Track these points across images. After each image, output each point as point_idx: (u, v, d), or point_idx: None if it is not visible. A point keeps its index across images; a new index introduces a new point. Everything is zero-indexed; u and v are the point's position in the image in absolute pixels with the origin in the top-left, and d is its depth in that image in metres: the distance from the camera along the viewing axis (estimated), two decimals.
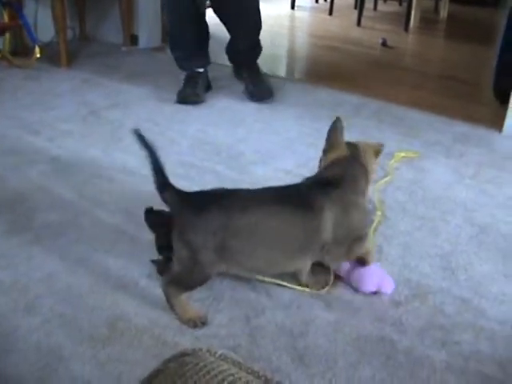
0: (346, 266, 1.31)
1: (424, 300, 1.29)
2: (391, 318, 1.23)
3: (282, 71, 3.29)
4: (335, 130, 1.35)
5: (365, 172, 1.28)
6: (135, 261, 1.38)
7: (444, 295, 1.31)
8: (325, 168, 1.31)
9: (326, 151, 1.34)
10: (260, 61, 2.64)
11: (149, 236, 1.41)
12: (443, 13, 4.79)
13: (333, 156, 1.30)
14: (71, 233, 1.49)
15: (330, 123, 1.33)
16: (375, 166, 1.34)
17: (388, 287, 1.30)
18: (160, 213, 1.34)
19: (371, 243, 1.40)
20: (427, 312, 1.26)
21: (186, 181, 1.73)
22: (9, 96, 2.48)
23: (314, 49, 3.68)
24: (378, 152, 1.34)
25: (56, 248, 1.43)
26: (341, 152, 1.30)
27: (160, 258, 1.33)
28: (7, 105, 2.39)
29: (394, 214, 1.64)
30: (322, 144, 1.93)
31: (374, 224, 1.55)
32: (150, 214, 1.37)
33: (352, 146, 1.32)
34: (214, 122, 2.23)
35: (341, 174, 1.25)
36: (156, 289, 1.27)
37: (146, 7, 3.30)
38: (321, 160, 1.35)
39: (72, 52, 2.99)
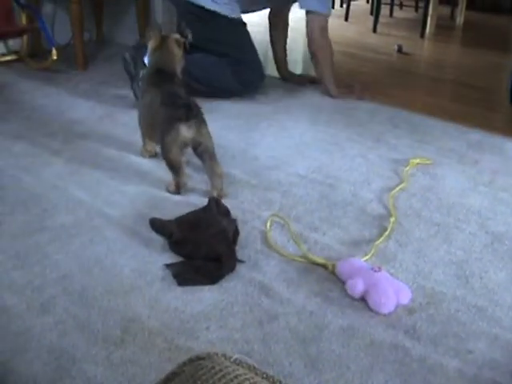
0: (359, 287, 1.28)
1: (438, 307, 1.28)
2: (405, 325, 1.22)
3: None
4: (154, 28, 2.00)
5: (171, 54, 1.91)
6: (149, 263, 1.38)
7: (458, 303, 1.30)
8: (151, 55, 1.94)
9: (148, 40, 1.94)
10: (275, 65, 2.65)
11: (161, 238, 1.42)
12: (459, 19, 4.77)
13: (152, 44, 1.92)
14: (85, 234, 1.50)
15: (344, 128, 1.35)
16: (179, 52, 1.92)
17: (405, 297, 1.29)
18: (163, 221, 1.44)
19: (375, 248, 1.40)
20: (441, 319, 1.25)
21: (201, 184, 1.75)
22: (26, 97, 2.50)
23: None
24: (179, 42, 1.92)
25: (71, 249, 1.44)
26: (156, 41, 1.92)
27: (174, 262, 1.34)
28: (24, 106, 2.40)
29: (408, 220, 1.63)
30: (335, 150, 1.94)
31: (388, 231, 1.55)
32: (155, 224, 1.44)
33: (163, 37, 1.92)
34: (228, 126, 2.23)
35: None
36: (169, 292, 1.28)
37: (161, 10, 3.31)
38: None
39: (88, 54, 3.01)
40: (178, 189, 1.70)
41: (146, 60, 2.34)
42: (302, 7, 2.55)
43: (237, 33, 2.57)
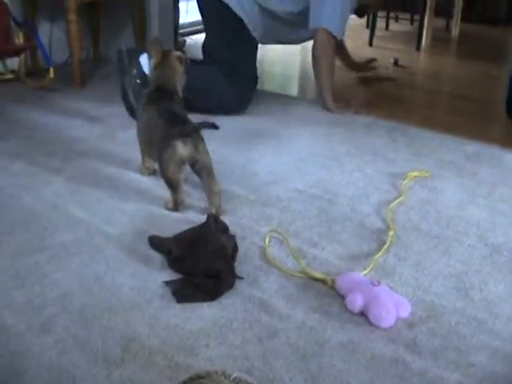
0: (358, 301, 1.28)
1: (438, 320, 1.28)
2: (405, 339, 1.22)
3: (294, 91, 3.31)
4: (155, 42, 1.93)
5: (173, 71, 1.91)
6: (148, 281, 1.38)
7: (459, 316, 1.30)
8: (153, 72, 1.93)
9: (151, 57, 1.93)
10: (273, 80, 2.66)
11: (160, 256, 1.43)
12: (455, 31, 4.80)
13: (154, 60, 1.91)
14: (85, 252, 1.50)
15: (342, 143, 1.36)
16: (180, 68, 1.91)
17: (405, 311, 1.29)
18: (161, 238, 1.46)
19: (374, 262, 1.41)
20: (442, 333, 1.25)
21: (200, 201, 1.75)
22: (24, 116, 2.51)
23: None
24: (180, 59, 1.92)
25: (71, 267, 1.44)
26: (158, 57, 1.91)
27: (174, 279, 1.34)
28: (23, 125, 2.42)
29: (406, 234, 1.64)
30: (333, 165, 1.95)
31: (387, 244, 1.55)
32: (154, 241, 1.46)
33: (165, 52, 1.91)
34: (226, 142, 2.24)
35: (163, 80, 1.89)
36: (169, 309, 1.28)
37: (158, 27, 3.34)
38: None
39: (86, 72, 3.02)
40: (177, 206, 1.71)
41: (141, 60, 2.37)
42: (311, 26, 2.53)
43: (248, 46, 2.62)
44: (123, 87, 2.41)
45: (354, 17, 2.94)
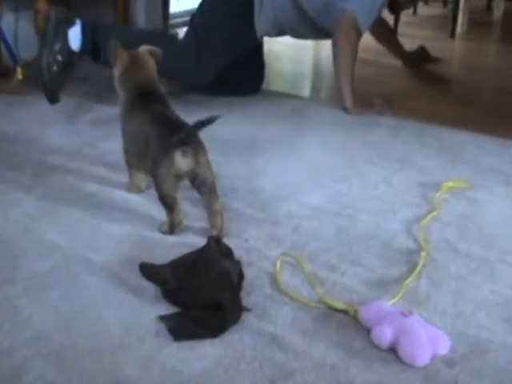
0: (387, 335, 1.29)
1: (484, 358, 1.29)
2: (444, 379, 1.23)
3: (305, 91, 3.34)
4: (115, 44, 1.93)
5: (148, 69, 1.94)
6: (139, 315, 1.40)
7: (508, 352, 1.31)
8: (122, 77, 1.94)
9: (114, 62, 1.93)
10: (281, 79, 2.70)
11: (154, 286, 1.45)
12: (497, 13, 4.79)
13: (121, 64, 1.92)
14: (63, 283, 1.52)
15: (363, 149, 1.37)
16: (153, 63, 1.95)
17: (443, 347, 1.29)
18: (155, 266, 1.48)
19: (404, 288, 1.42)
20: (489, 373, 1.25)
21: (200, 222, 1.77)
22: None
23: None
24: (152, 52, 1.96)
25: (46, 302, 1.45)
26: (124, 60, 1.92)
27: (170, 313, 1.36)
28: None
29: (442, 254, 1.66)
30: (353, 175, 1.97)
31: (419, 267, 1.57)
32: (146, 269, 1.48)
33: (132, 53, 1.94)
34: (228, 151, 2.28)
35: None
36: (165, 348, 1.30)
37: (145, 16, 3.37)
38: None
39: None
40: (173, 228, 1.73)
41: (70, 33, 2.42)
42: (341, 7, 2.62)
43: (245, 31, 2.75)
44: (39, 61, 2.43)
45: None
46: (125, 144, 1.92)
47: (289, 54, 3.90)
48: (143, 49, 1.97)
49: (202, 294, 1.40)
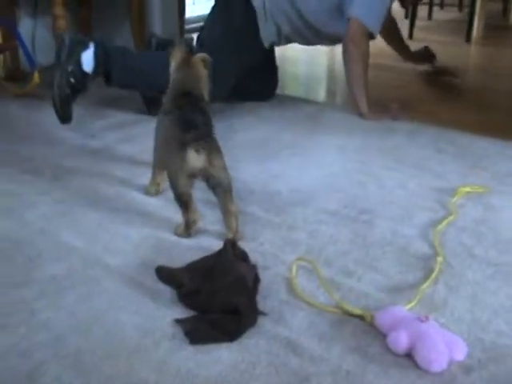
0: (403, 340, 1.29)
1: (502, 364, 1.28)
2: None
3: (320, 95, 3.34)
4: (177, 46, 2.01)
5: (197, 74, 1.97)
6: (156, 319, 1.40)
7: None
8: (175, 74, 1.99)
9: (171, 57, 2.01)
10: (296, 84, 2.70)
11: (170, 289, 1.45)
12: None
13: (175, 62, 1.98)
14: (80, 286, 1.53)
15: (379, 154, 1.37)
16: (205, 72, 1.98)
17: (460, 352, 1.28)
18: (171, 269, 1.48)
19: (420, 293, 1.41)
20: (506, 380, 1.24)
21: (215, 225, 1.78)
22: (5, 128, 2.56)
23: None
24: (204, 61, 1.98)
25: (63, 305, 1.46)
26: (179, 59, 1.98)
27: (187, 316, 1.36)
28: (4, 137, 2.47)
29: (459, 260, 1.65)
30: (370, 180, 1.97)
31: (435, 273, 1.56)
32: (162, 273, 1.49)
33: (188, 55, 1.99)
34: (244, 156, 2.28)
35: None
36: (181, 351, 1.30)
37: (161, 22, 3.38)
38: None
39: None
40: (188, 228, 1.74)
41: (83, 56, 2.42)
42: (348, 15, 2.62)
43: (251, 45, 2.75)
44: (53, 84, 2.44)
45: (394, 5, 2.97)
46: (154, 141, 1.94)
47: (303, 58, 3.91)
48: (198, 55, 2.00)
49: (218, 297, 1.40)
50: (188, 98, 1.86)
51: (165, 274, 1.48)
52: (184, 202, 1.72)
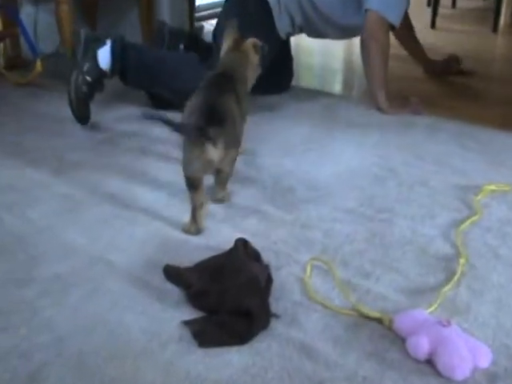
0: (424, 346, 1.28)
1: None
2: None
3: (337, 88, 3.34)
4: (232, 26, 2.12)
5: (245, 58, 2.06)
6: (163, 320, 1.41)
7: None
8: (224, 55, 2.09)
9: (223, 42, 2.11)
10: (311, 75, 2.70)
11: (178, 289, 1.45)
12: None
13: (226, 45, 2.09)
14: (84, 285, 1.53)
15: (398, 150, 1.34)
16: (254, 57, 2.08)
17: (484, 359, 1.28)
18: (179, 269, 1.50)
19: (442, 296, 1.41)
20: None
21: (224, 223, 1.79)
22: (7, 119, 2.57)
23: None
24: (256, 47, 2.07)
25: (66, 304, 1.47)
26: (231, 42, 2.08)
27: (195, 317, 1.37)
28: (4, 129, 2.48)
29: (483, 262, 1.64)
30: (388, 177, 1.96)
31: (458, 275, 1.56)
32: (170, 272, 1.50)
33: (240, 39, 2.09)
34: (257, 151, 2.28)
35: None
36: (189, 354, 1.30)
37: (170, 8, 3.38)
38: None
39: None
40: (194, 211, 1.74)
41: (100, 53, 2.43)
42: (366, 7, 2.61)
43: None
44: (69, 83, 2.46)
45: None
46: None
47: (319, 49, 3.90)
48: (250, 40, 2.08)
49: (228, 298, 1.40)
50: (227, 78, 1.90)
51: (172, 274, 1.48)
52: (194, 184, 1.73)
